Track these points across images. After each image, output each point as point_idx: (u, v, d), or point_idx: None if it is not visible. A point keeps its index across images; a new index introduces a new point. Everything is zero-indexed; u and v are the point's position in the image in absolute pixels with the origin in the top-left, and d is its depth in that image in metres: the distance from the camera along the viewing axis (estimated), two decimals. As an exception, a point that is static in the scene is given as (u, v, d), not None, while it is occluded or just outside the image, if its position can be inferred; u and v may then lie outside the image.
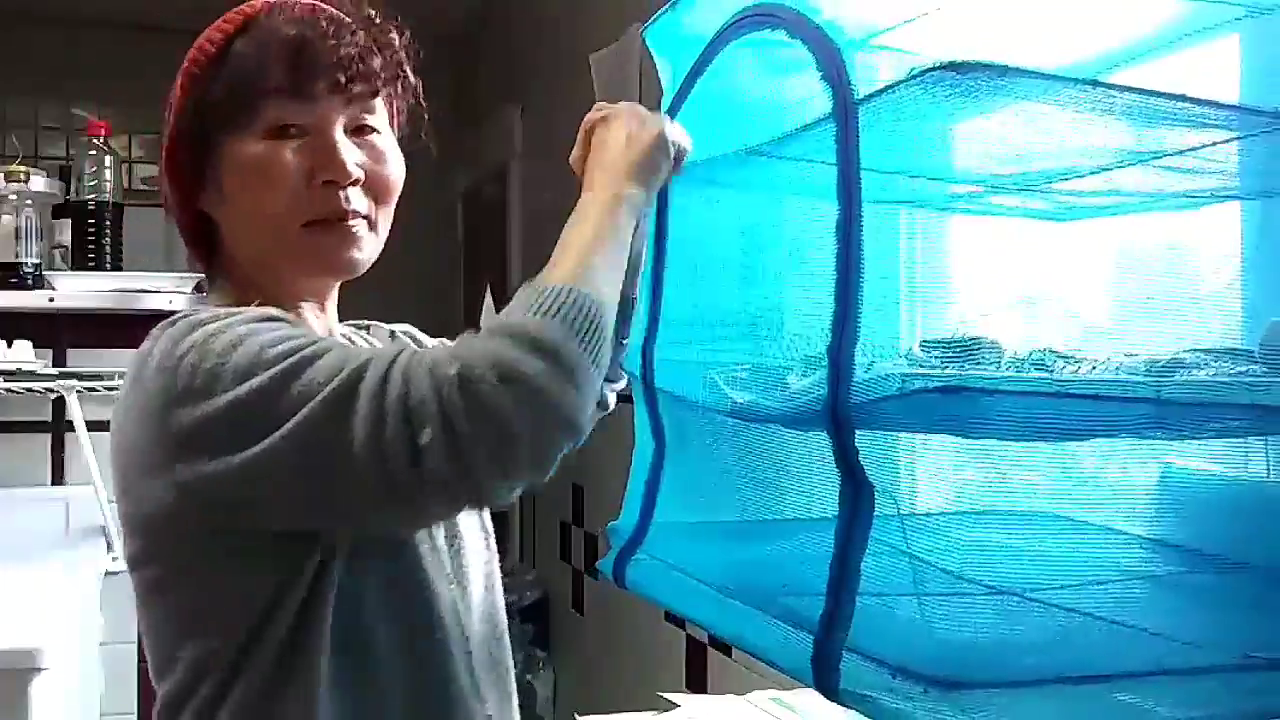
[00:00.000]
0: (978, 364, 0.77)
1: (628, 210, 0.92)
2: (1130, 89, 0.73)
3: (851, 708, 0.74)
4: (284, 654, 0.92)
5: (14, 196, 2.50)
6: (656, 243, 1.06)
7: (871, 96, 0.75)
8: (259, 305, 0.97)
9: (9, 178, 2.53)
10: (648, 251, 1.07)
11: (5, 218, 2.48)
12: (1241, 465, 0.78)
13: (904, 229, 0.92)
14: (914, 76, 0.70)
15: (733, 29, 0.93)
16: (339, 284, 1.10)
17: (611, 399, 1.27)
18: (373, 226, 1.04)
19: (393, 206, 1.06)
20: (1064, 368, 0.78)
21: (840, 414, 0.74)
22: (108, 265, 2.63)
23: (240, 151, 1.00)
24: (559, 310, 0.83)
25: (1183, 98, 0.74)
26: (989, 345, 0.79)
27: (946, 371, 0.75)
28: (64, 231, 2.64)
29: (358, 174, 1.01)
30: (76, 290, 2.50)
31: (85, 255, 2.63)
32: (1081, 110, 0.73)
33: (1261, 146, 0.78)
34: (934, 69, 0.68)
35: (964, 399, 0.68)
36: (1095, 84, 0.72)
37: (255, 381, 0.85)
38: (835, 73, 0.78)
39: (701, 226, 1.03)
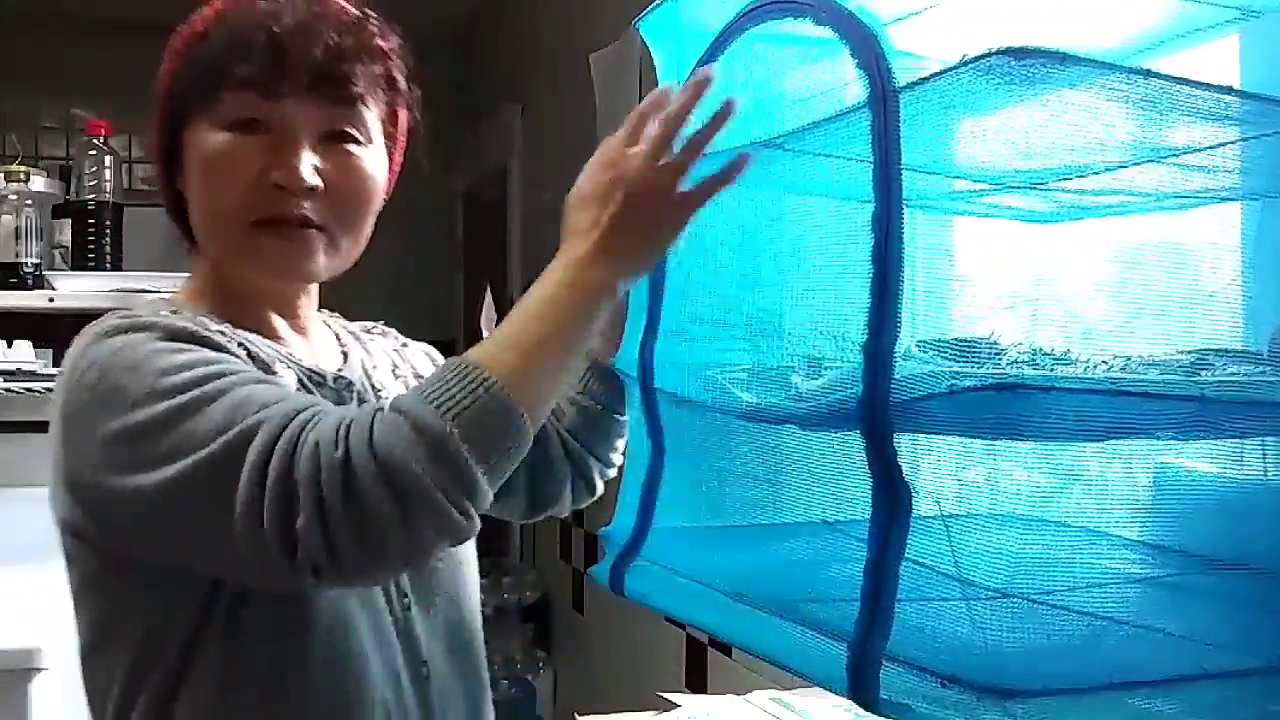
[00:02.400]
0: (978, 364, 0.75)
1: (594, 301, 0.86)
2: (1180, 80, 0.70)
3: (890, 717, 0.72)
4: (180, 670, 0.92)
5: (14, 196, 2.49)
6: None
7: (914, 84, 0.71)
8: (191, 312, 0.96)
9: (9, 178, 2.53)
10: None
11: (5, 218, 2.48)
12: (1247, 466, 0.77)
13: (907, 225, 0.90)
14: (967, 63, 0.67)
15: (748, 18, 0.90)
16: (310, 285, 1.06)
17: (610, 473, 1.25)
18: (331, 239, 0.99)
19: (362, 221, 1.01)
20: (1071, 369, 0.77)
21: (879, 413, 0.71)
22: (108, 265, 2.63)
23: (202, 139, 0.97)
24: (473, 412, 0.80)
25: (1228, 89, 0.72)
26: (988, 344, 0.77)
27: (968, 370, 0.73)
28: (64, 231, 2.64)
29: (313, 182, 0.96)
30: (76, 290, 2.50)
31: (85, 255, 2.62)
32: (1120, 102, 0.70)
33: (1271, 145, 0.77)
34: (991, 54, 0.65)
35: (1019, 397, 0.65)
36: (1148, 74, 0.69)
37: (145, 412, 0.84)
38: (872, 59, 0.74)
39: (704, 224, 1.01)
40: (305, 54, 0.94)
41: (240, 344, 0.94)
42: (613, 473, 1.27)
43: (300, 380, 0.99)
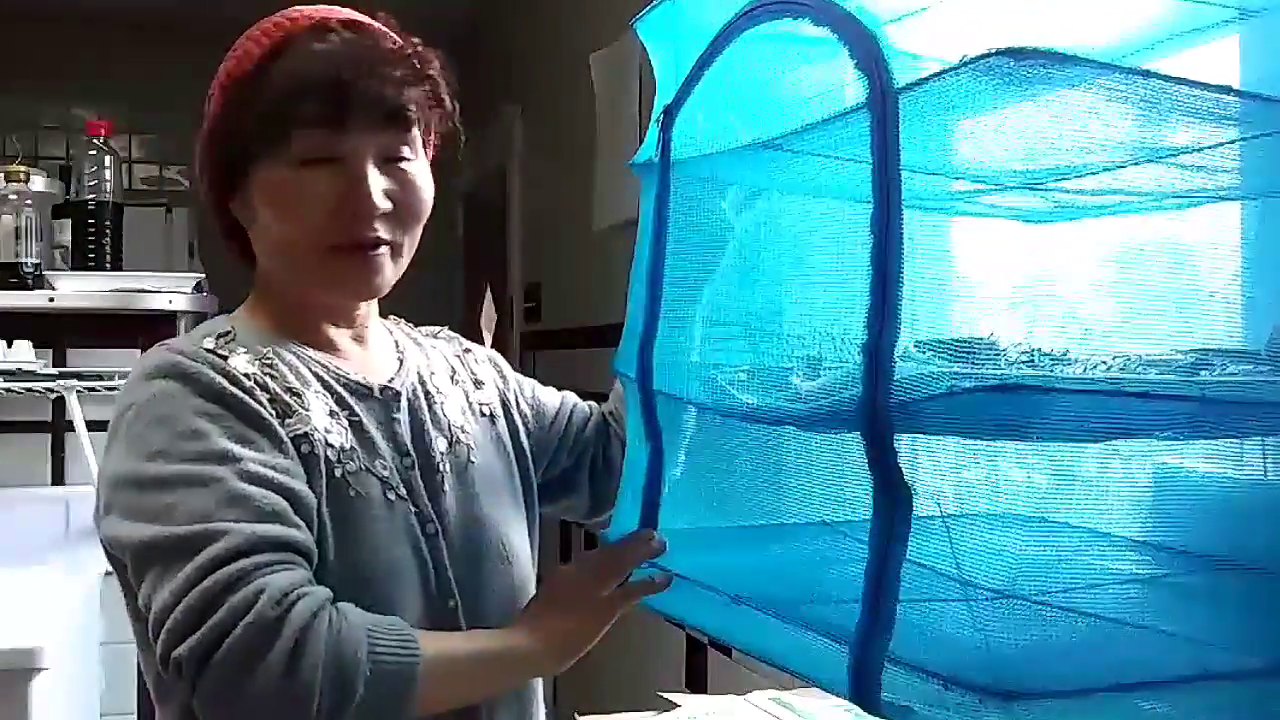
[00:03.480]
0: (977, 364, 0.75)
1: (528, 670, 1.03)
2: (1180, 80, 0.70)
3: (891, 719, 0.72)
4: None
5: (14, 196, 2.50)
6: (656, 242, 1.02)
7: (913, 85, 0.71)
8: (246, 333, 1.04)
9: (9, 178, 2.53)
10: (646, 249, 1.05)
11: (5, 218, 2.48)
12: (1253, 467, 0.77)
13: (907, 226, 0.90)
14: (966, 63, 0.66)
15: (747, 18, 0.90)
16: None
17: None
18: (396, 252, 1.05)
19: (419, 230, 1.08)
20: (1068, 370, 0.77)
21: (880, 414, 0.71)
22: (108, 265, 2.63)
23: (269, 176, 1.02)
24: (385, 688, 0.87)
25: (1227, 89, 0.71)
26: (986, 345, 0.77)
27: (965, 371, 0.73)
28: (64, 231, 2.64)
29: (385, 206, 1.02)
30: (76, 290, 2.50)
31: (85, 255, 2.63)
32: (1120, 102, 0.70)
33: (1270, 145, 0.77)
34: (990, 55, 0.65)
35: (1020, 398, 0.65)
36: (1147, 74, 0.69)
37: (155, 466, 0.94)
38: (871, 60, 0.74)
39: (704, 224, 1.00)
40: (368, 90, 1.01)
41: (270, 381, 1.01)
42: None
43: (338, 398, 1.05)
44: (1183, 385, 0.70)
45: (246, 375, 0.99)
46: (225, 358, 1.00)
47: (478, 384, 1.21)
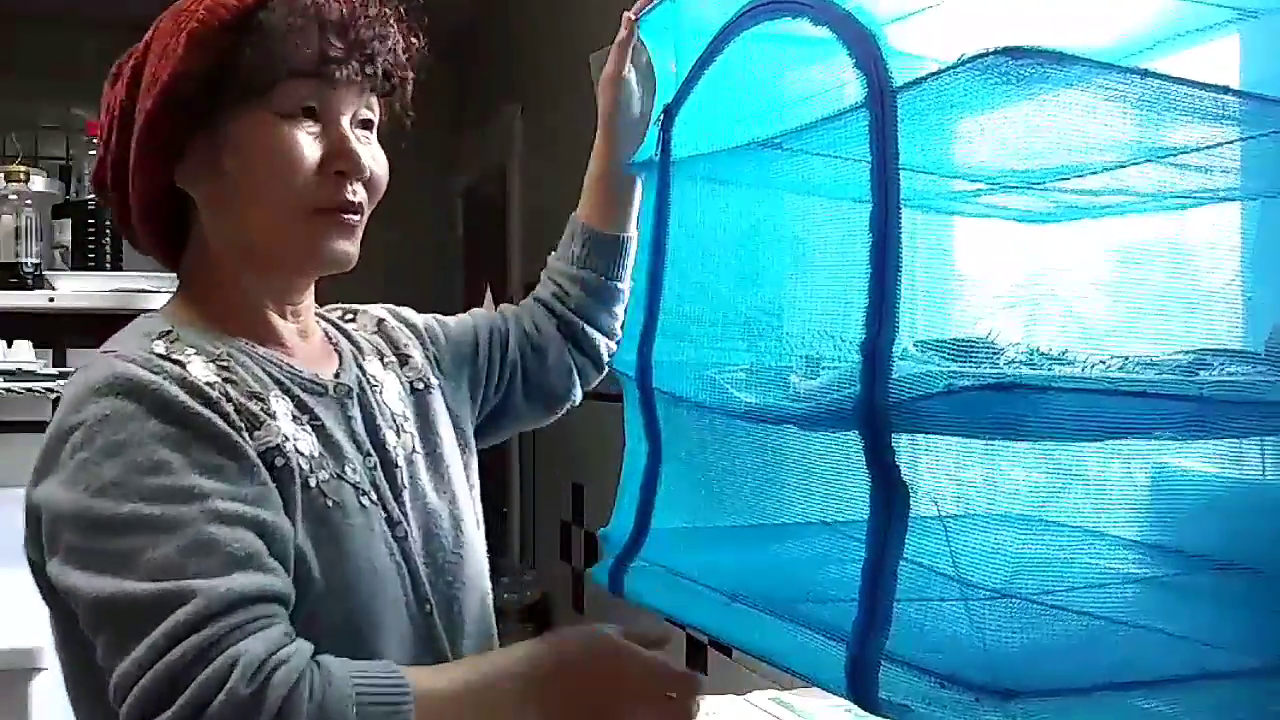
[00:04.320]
0: (976, 364, 0.75)
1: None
2: (1178, 80, 0.70)
3: (890, 717, 0.72)
4: None
5: (14, 196, 2.50)
6: (656, 241, 1.02)
7: (911, 84, 0.71)
8: (188, 334, 0.95)
9: (9, 178, 2.53)
10: (645, 249, 1.05)
11: (5, 218, 2.48)
12: (1253, 467, 0.77)
13: (905, 225, 0.90)
14: (964, 62, 0.66)
15: (747, 17, 0.90)
16: (314, 282, 1.06)
17: (614, 345, 1.26)
18: (363, 223, 1.01)
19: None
20: (1069, 370, 0.77)
21: (877, 413, 0.71)
22: (108, 265, 2.63)
23: (253, 129, 0.94)
24: None
25: (1225, 89, 0.71)
26: (985, 344, 0.77)
27: (965, 369, 0.73)
28: (64, 231, 2.64)
29: (369, 170, 0.98)
30: (76, 290, 2.50)
31: (85, 255, 2.62)
32: (1118, 101, 0.70)
33: (1270, 145, 0.77)
34: (988, 54, 0.65)
35: (1018, 397, 0.65)
36: (1145, 74, 0.69)
37: (107, 506, 0.84)
38: (870, 59, 0.74)
39: (704, 224, 1.00)
40: (359, 39, 0.95)
41: (231, 389, 0.92)
42: (614, 345, 1.27)
43: (298, 401, 0.98)
44: (1181, 385, 0.70)
45: (209, 384, 0.90)
46: (183, 365, 0.91)
47: (404, 359, 1.14)
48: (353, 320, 1.17)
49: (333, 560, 0.93)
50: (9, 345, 2.37)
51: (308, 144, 0.95)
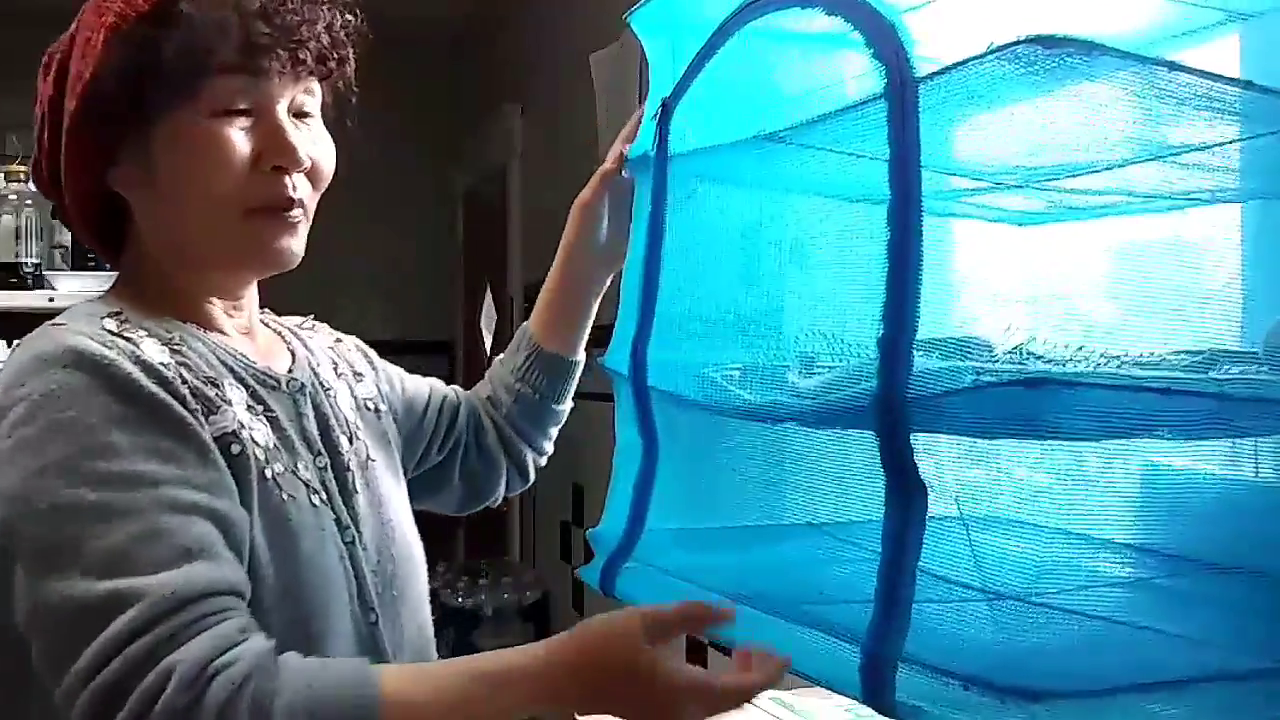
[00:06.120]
0: (979, 363, 0.74)
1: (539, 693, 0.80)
2: (1204, 73, 0.68)
3: (902, 719, 0.71)
4: None
5: (14, 196, 2.49)
6: (652, 239, 1.01)
7: (935, 75, 0.69)
8: (137, 317, 0.90)
9: (9, 178, 2.53)
10: (640, 245, 1.03)
11: (5, 218, 2.48)
12: (1259, 470, 0.77)
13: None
14: (993, 51, 0.64)
15: (750, 9, 0.88)
16: (254, 282, 1.03)
17: (542, 461, 1.27)
18: (306, 217, 0.96)
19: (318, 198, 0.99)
20: (1074, 367, 0.76)
21: (895, 410, 0.69)
22: (107, 265, 2.62)
23: (181, 129, 0.90)
24: None
25: (1248, 84, 0.70)
26: (983, 344, 0.76)
27: (992, 366, 0.71)
28: (64, 231, 2.64)
29: (308, 160, 0.94)
30: (76, 290, 2.49)
31: (85, 255, 2.62)
32: (1141, 94, 0.69)
33: (1272, 145, 0.77)
34: (1019, 43, 0.63)
35: (1046, 393, 0.63)
36: (1173, 65, 0.67)
37: (53, 487, 0.79)
38: (891, 50, 0.72)
39: (700, 220, 0.99)
40: (285, 25, 0.90)
41: (185, 371, 0.88)
42: (543, 461, 1.28)
43: (251, 391, 0.94)
44: (1203, 382, 0.69)
45: (163, 364, 0.86)
46: (135, 344, 0.86)
47: (357, 376, 1.12)
48: (310, 330, 1.15)
49: (286, 557, 0.89)
50: (9, 345, 2.37)
51: (239, 141, 0.90)
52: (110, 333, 0.87)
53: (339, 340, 1.17)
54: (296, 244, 0.96)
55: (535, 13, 3.69)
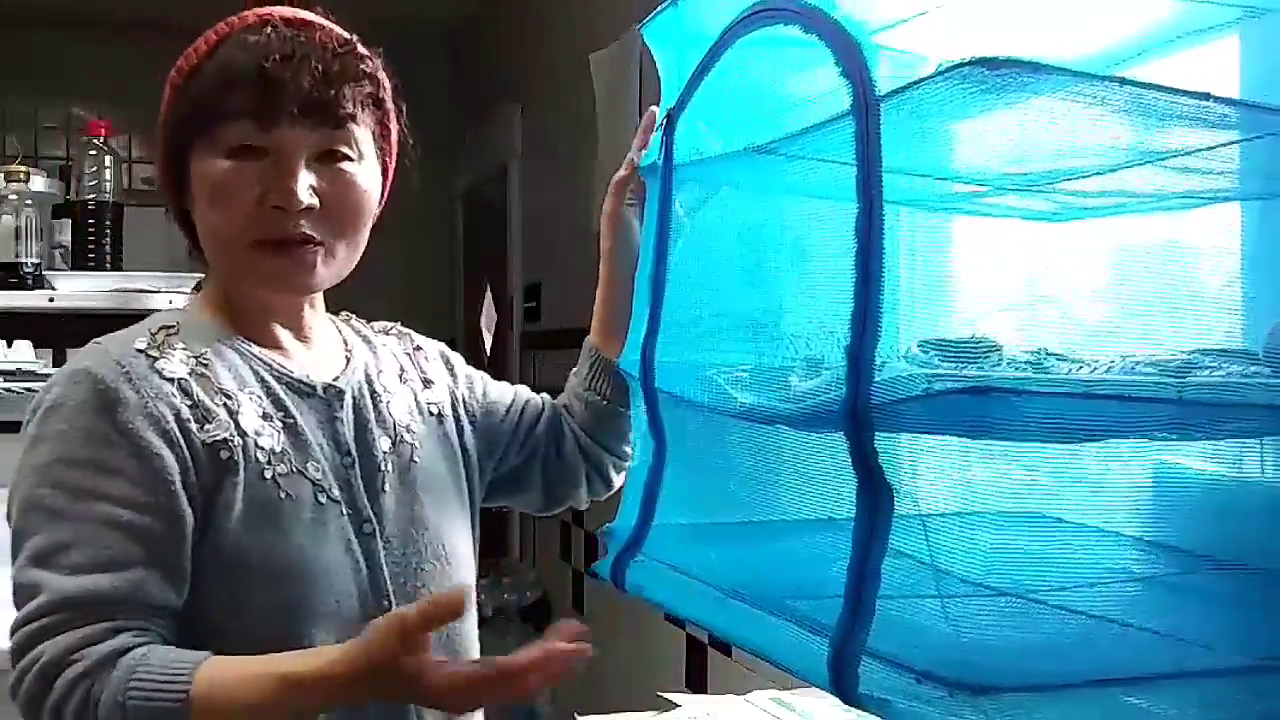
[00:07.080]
0: (978, 365, 0.75)
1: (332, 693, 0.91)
2: (1157, 87, 0.71)
3: (870, 712, 0.73)
4: None
5: (14, 196, 2.49)
6: (658, 243, 1.04)
7: (894, 93, 0.73)
8: (198, 322, 1.06)
9: (9, 178, 2.53)
10: (649, 252, 1.06)
11: (5, 218, 2.47)
12: (1241, 466, 0.78)
13: (904, 227, 0.91)
14: (942, 72, 0.68)
15: (742, 24, 0.92)
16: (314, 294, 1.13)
17: (625, 465, 1.29)
18: (329, 251, 1.06)
19: (357, 232, 1.08)
20: (1068, 369, 0.77)
21: (861, 415, 0.72)
22: (108, 265, 2.63)
23: (204, 167, 1.03)
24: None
25: (1206, 96, 0.72)
26: (988, 346, 0.78)
27: (953, 372, 0.73)
28: (64, 231, 2.64)
29: (309, 201, 1.02)
30: (76, 290, 2.50)
31: (85, 255, 2.62)
32: (1101, 108, 0.71)
33: (1266, 147, 0.77)
34: (964, 64, 0.66)
35: (992, 400, 0.66)
36: (1123, 81, 0.70)
37: (27, 484, 0.96)
38: (856, 68, 0.75)
39: (705, 226, 1.02)
40: (294, 83, 1.01)
41: (196, 385, 1.01)
42: (627, 465, 1.29)
43: (275, 399, 1.05)
44: (1160, 388, 0.71)
45: (174, 379, 1.00)
46: (155, 358, 1.01)
47: (427, 383, 1.21)
48: (387, 336, 1.24)
49: (273, 547, 1.00)
50: (9, 345, 2.37)
51: (246, 180, 1.02)
52: (138, 351, 1.01)
53: (418, 348, 1.26)
54: (302, 275, 1.06)
55: (535, 13, 3.69)
